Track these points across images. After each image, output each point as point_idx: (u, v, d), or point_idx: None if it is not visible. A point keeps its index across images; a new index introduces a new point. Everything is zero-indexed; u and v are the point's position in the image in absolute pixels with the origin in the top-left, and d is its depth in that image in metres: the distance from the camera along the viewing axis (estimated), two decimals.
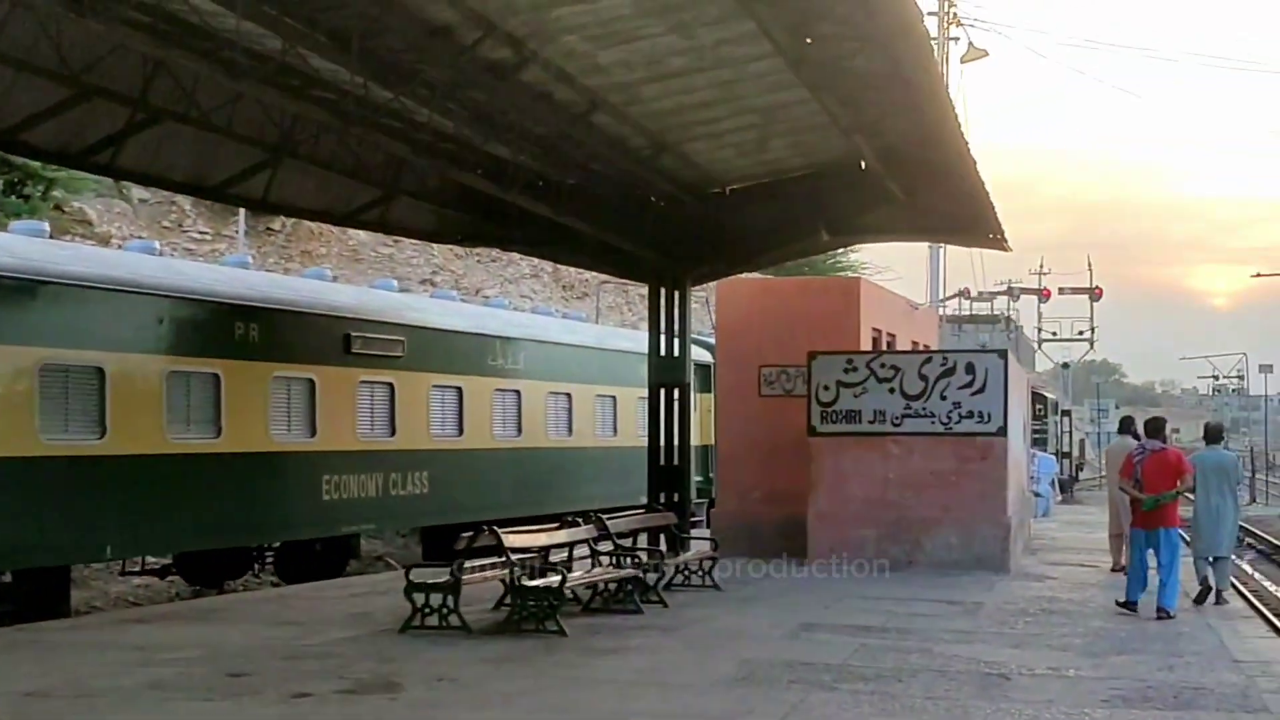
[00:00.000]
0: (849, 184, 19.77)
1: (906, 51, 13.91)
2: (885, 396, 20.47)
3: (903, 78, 14.86)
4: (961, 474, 20.20)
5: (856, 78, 15.32)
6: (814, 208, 20.27)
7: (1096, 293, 60.48)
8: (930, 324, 28.62)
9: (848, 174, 19.51)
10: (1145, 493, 16.70)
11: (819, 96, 15.86)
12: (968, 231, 21.34)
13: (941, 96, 15.43)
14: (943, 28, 34.87)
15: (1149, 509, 16.67)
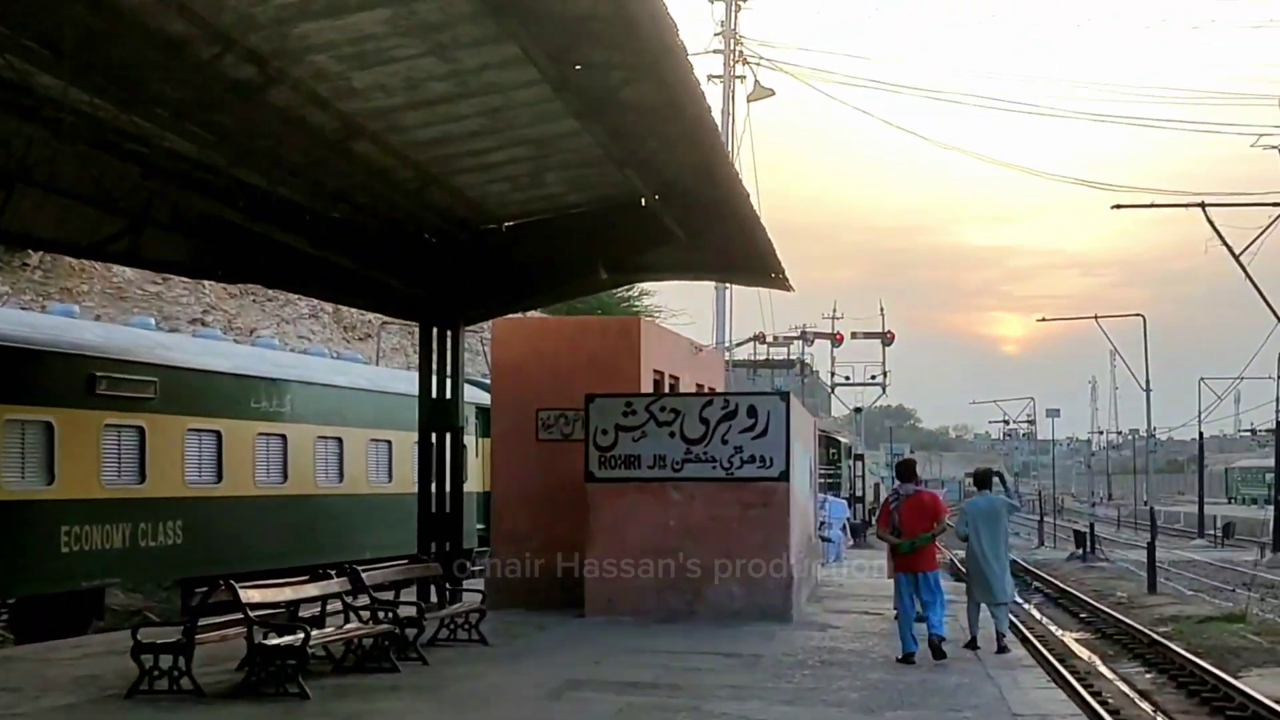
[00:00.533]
0: (629, 221, 19.13)
1: (674, 81, 13.32)
2: (665, 441, 19.84)
3: (673, 110, 14.27)
4: (743, 521, 19.65)
5: (627, 109, 14.68)
6: (593, 245, 19.61)
7: (888, 337, 61.13)
8: (716, 366, 28.17)
9: (628, 211, 18.87)
10: (904, 537, 16.65)
11: (589, 128, 15.22)
12: (750, 271, 20.89)
13: (710, 130, 14.85)
14: (728, 66, 34.65)
15: (906, 553, 16.69)
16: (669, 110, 14.37)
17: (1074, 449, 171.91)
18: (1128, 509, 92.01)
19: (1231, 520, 65.55)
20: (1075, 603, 34.41)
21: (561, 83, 13.68)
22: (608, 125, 15.36)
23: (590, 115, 14.83)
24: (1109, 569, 45.65)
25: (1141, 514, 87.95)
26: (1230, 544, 59.36)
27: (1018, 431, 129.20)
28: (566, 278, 20.61)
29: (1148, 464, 46.89)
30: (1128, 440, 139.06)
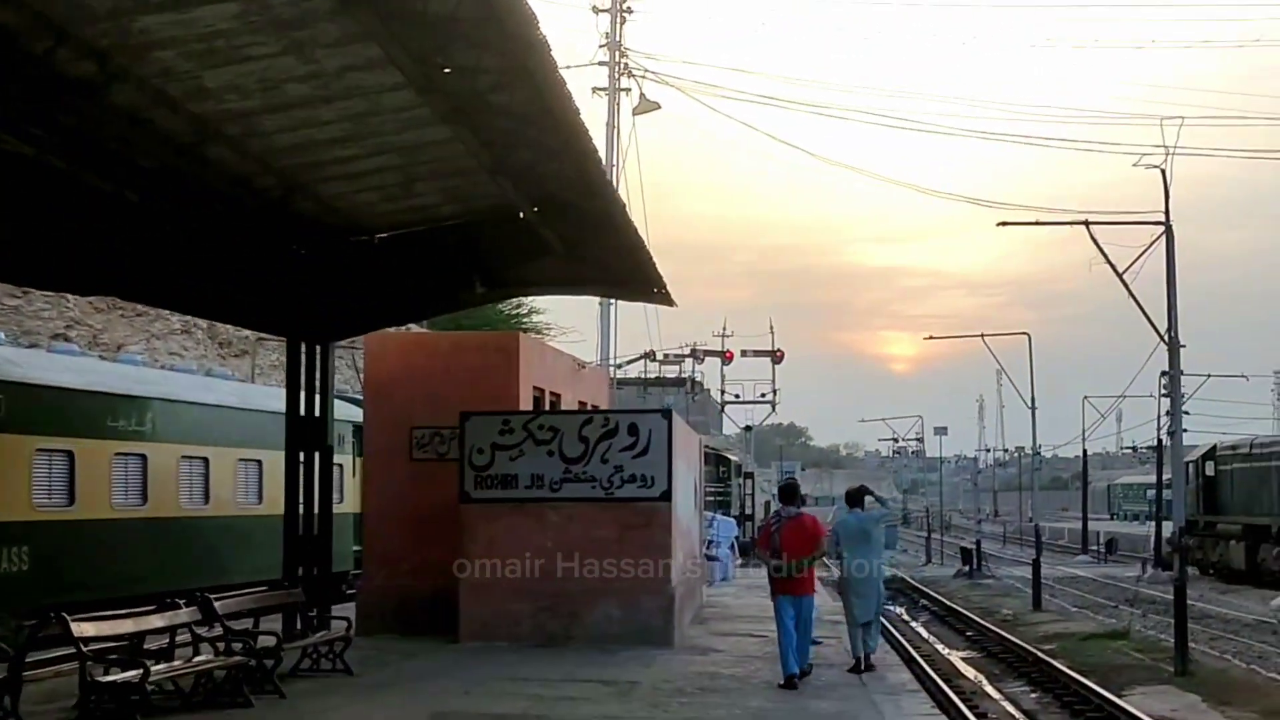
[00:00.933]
0: (506, 233, 18.47)
1: (545, 86, 12.71)
2: (543, 460, 19.22)
3: (546, 116, 13.67)
4: (624, 542, 19.07)
5: (498, 115, 14.06)
6: (468, 258, 18.93)
7: (778, 355, 60.85)
8: (599, 384, 27.59)
9: (504, 222, 18.21)
10: (786, 559, 16.38)
11: (460, 135, 14.59)
12: (632, 285, 20.33)
13: (583, 137, 14.26)
14: (613, 78, 34.14)
15: (788, 576, 16.43)
16: (542, 117, 13.77)
17: (962, 466, 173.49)
18: (1013, 525, 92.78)
19: (1114, 536, 66.19)
20: (962, 620, 34.25)
21: (428, 87, 13.05)
22: (479, 132, 14.75)
23: (460, 122, 14.21)
24: (995, 586, 45.70)
25: (1027, 530, 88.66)
26: (1113, 559, 59.86)
27: (907, 449, 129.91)
28: (441, 292, 19.91)
29: (1033, 481, 47.01)
30: (1014, 458, 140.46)
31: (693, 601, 23.41)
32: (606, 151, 34.19)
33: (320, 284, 18.63)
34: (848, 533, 17.90)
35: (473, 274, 19.39)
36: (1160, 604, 34.72)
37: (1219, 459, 47.26)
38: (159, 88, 12.59)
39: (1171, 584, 34.84)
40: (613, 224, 17.04)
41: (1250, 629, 29.77)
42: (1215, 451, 47.66)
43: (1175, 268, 23.87)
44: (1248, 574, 42.81)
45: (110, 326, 31.31)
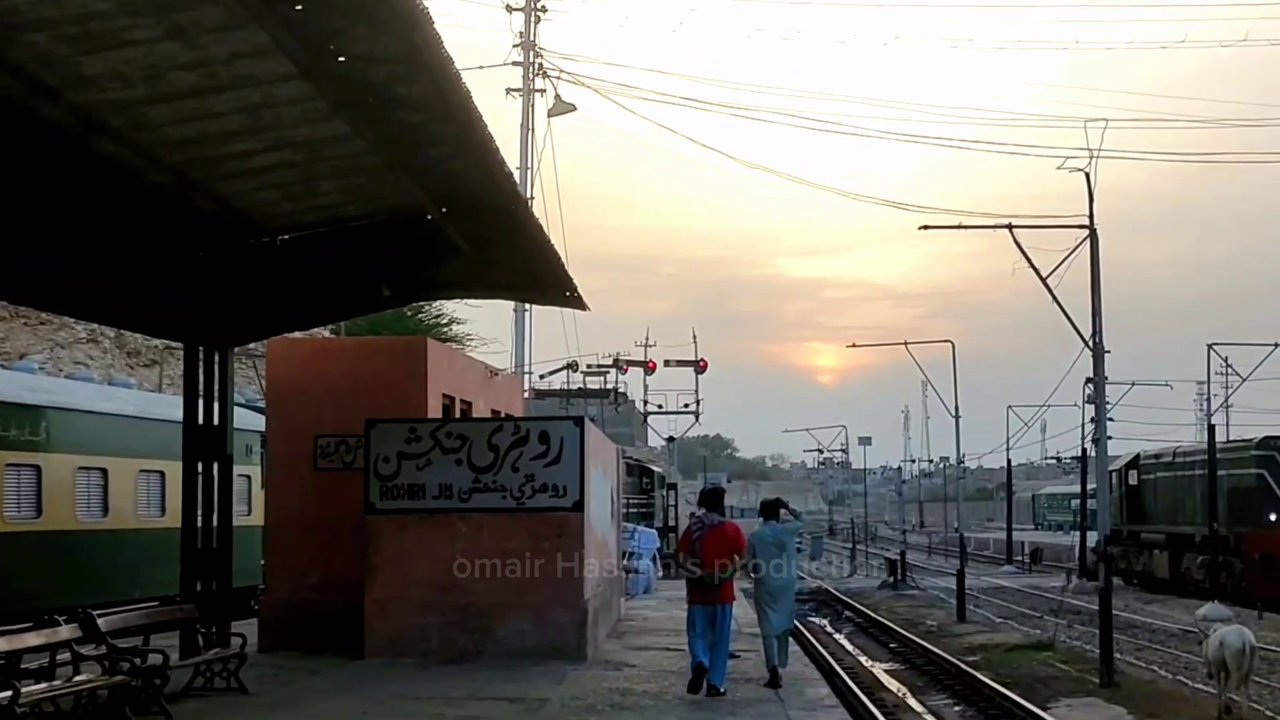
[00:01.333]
0: (413, 235, 17.81)
1: (443, 78, 12.11)
2: (452, 469, 18.60)
3: (447, 110, 13.07)
4: (535, 554, 18.49)
5: (397, 108, 13.43)
6: (374, 261, 18.26)
7: (701, 365, 60.51)
8: (513, 392, 26.94)
9: (411, 224, 17.56)
10: (705, 568, 16.06)
11: (360, 131, 13.95)
12: (543, 289, 19.78)
13: (482, 132, 13.66)
14: (528, 79, 33.50)
15: (707, 585, 16.11)
16: (443, 110, 13.18)
17: (888, 478, 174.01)
18: (939, 536, 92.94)
19: (1039, 546, 66.28)
20: (886, 632, 33.93)
21: (322, 78, 12.40)
22: (379, 128, 14.11)
23: (358, 115, 13.56)
24: (920, 597, 45.46)
25: (952, 540, 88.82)
26: (1038, 570, 59.88)
27: (832, 460, 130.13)
28: (346, 296, 19.23)
29: (957, 491, 46.92)
30: (939, 469, 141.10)
31: (609, 615, 22.85)
32: (521, 154, 33.68)
33: (219, 287, 17.91)
34: (762, 544, 17.52)
35: (379, 277, 18.76)
36: (1085, 614, 34.55)
37: (1142, 468, 47.33)
38: (35, 75, 11.88)
39: (1097, 594, 34.72)
40: (520, 224, 16.47)
41: (1176, 639, 29.58)
42: (1139, 460, 47.67)
43: (1100, 272, 23.65)
44: (1171, 583, 42.80)
45: (13, 335, 30.34)
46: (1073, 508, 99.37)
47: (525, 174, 33.58)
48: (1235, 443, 43.50)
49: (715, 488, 18.46)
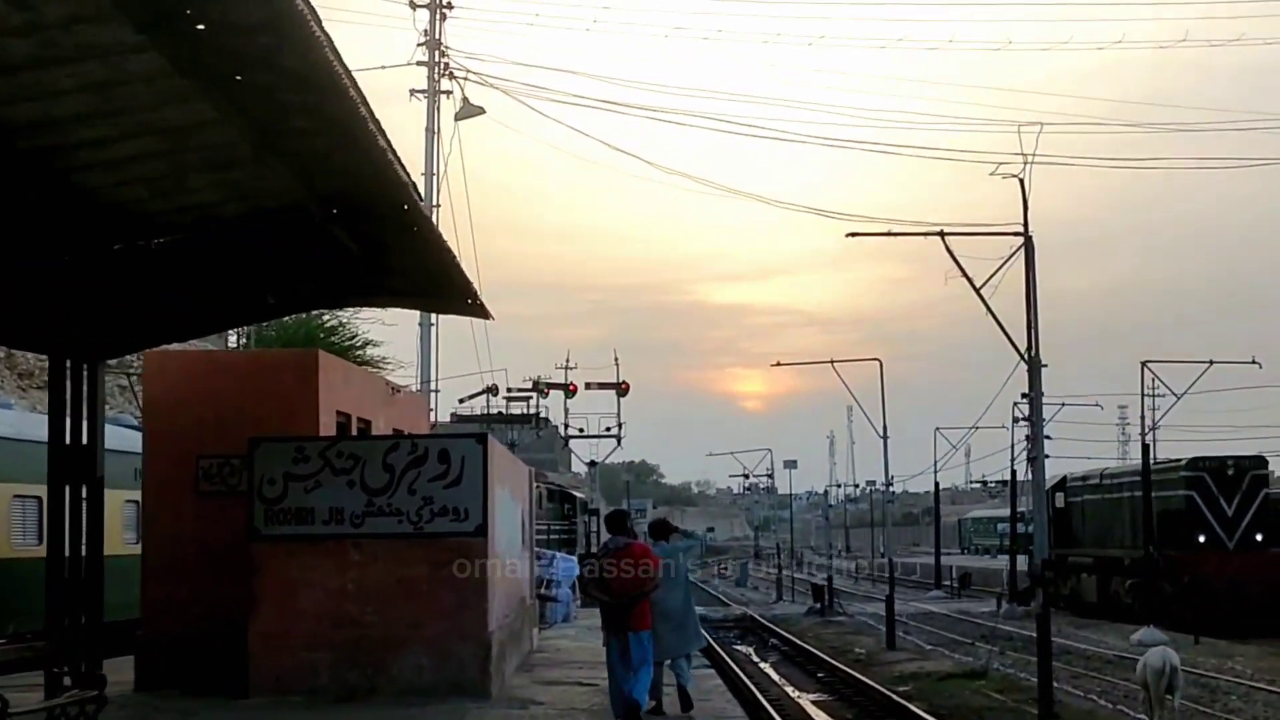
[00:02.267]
0: (298, 238, 16.37)
1: (317, 54, 10.69)
2: (344, 491, 17.14)
3: (328, 95, 11.64)
4: (434, 583, 17.07)
5: (271, 93, 12.00)
6: (257, 267, 16.79)
7: (623, 388, 59.11)
8: (417, 411, 25.40)
9: (296, 226, 16.08)
10: (614, 592, 15.44)
11: (230, 117, 12.48)
12: (442, 296, 18.36)
13: (364, 120, 12.25)
14: (433, 79, 31.94)
15: (619, 612, 15.53)
16: (319, 93, 11.74)
17: (814, 503, 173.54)
18: (865, 561, 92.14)
19: (967, 571, 65.43)
20: (813, 661, 32.73)
21: (176, 49, 10.94)
22: (252, 114, 12.65)
23: (228, 99, 12.11)
24: (848, 623, 44.33)
25: (879, 565, 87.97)
26: (967, 595, 58.98)
27: (758, 485, 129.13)
28: (227, 304, 17.76)
29: (885, 514, 45.86)
30: (865, 494, 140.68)
31: (519, 647, 21.42)
32: (426, 159, 32.16)
33: (87, 295, 16.37)
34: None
35: (263, 284, 17.29)
36: (1017, 640, 33.54)
37: (1069, 490, 46.73)
38: None
39: (1029, 620, 33.65)
40: (413, 224, 15.05)
41: (1112, 665, 28.58)
42: (1066, 483, 47.09)
43: (1035, 282, 22.63)
44: (1100, 607, 42.03)
45: None
46: (1000, 531, 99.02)
47: (430, 180, 32.07)
48: (1164, 464, 43.03)
49: (618, 510, 17.81)
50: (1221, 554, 37.71)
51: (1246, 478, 39.02)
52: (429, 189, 31.82)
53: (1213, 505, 38.65)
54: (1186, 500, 38.79)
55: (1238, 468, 39.38)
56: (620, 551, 15.81)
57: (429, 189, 31.82)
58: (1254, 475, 39.16)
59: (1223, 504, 38.56)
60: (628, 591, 15.52)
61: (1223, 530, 38.57)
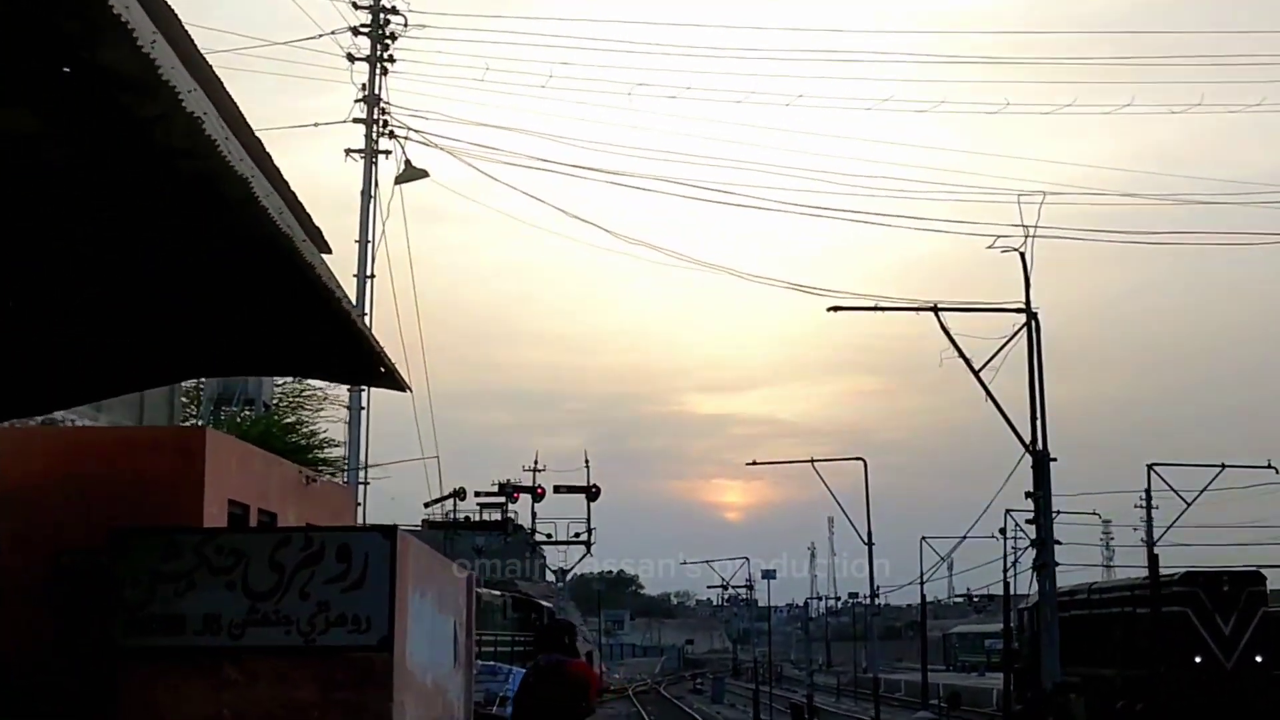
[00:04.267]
0: (171, 292, 13.61)
1: (152, 41, 7.97)
2: (222, 594, 14.25)
3: (167, 95, 8.90)
4: (328, 708, 14.13)
5: (103, 89, 9.30)
6: (124, 327, 14.00)
7: (593, 490, 56.23)
8: (340, 504, 22.34)
9: (164, 277, 13.34)
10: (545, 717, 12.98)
11: (50, 125, 9.79)
12: (347, 366, 15.53)
13: (261, 159, 9.56)
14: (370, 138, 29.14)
15: None
16: (163, 97, 9.00)
17: (794, 615, 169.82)
18: (847, 676, 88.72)
19: (956, 690, 62.12)
20: None
21: None
22: (80, 125, 9.95)
23: (42, 103, 9.41)
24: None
25: (862, 681, 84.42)
26: (956, 715, 55.72)
27: (737, 597, 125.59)
28: (99, 373, 14.93)
29: (870, 626, 42.89)
30: (846, 606, 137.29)
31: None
32: (361, 225, 29.33)
33: None
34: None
35: (132, 348, 14.49)
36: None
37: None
38: None
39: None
40: (306, 277, 12.28)
41: None
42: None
43: (1041, 363, 19.97)
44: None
45: None
46: (989, 647, 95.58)
47: (365, 248, 29.28)
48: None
49: (555, 622, 14.85)
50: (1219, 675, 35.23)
51: (1244, 594, 36.52)
52: (363, 257, 29.16)
53: (1208, 623, 36.07)
54: (1180, 617, 36.10)
55: (1234, 582, 36.95)
56: (550, 671, 13.19)
57: (363, 257, 29.16)
58: (1251, 591, 36.69)
59: (1219, 622, 36.03)
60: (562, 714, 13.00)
61: (1219, 649, 35.83)
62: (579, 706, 13.03)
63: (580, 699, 13.02)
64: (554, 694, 12.84)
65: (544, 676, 13.19)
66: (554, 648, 13.59)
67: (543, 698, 12.90)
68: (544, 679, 13.13)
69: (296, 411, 54.07)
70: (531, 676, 13.51)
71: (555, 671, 12.99)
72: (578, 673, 13.32)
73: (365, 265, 29.05)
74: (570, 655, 13.76)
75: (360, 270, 29.13)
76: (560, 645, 13.71)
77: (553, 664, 13.17)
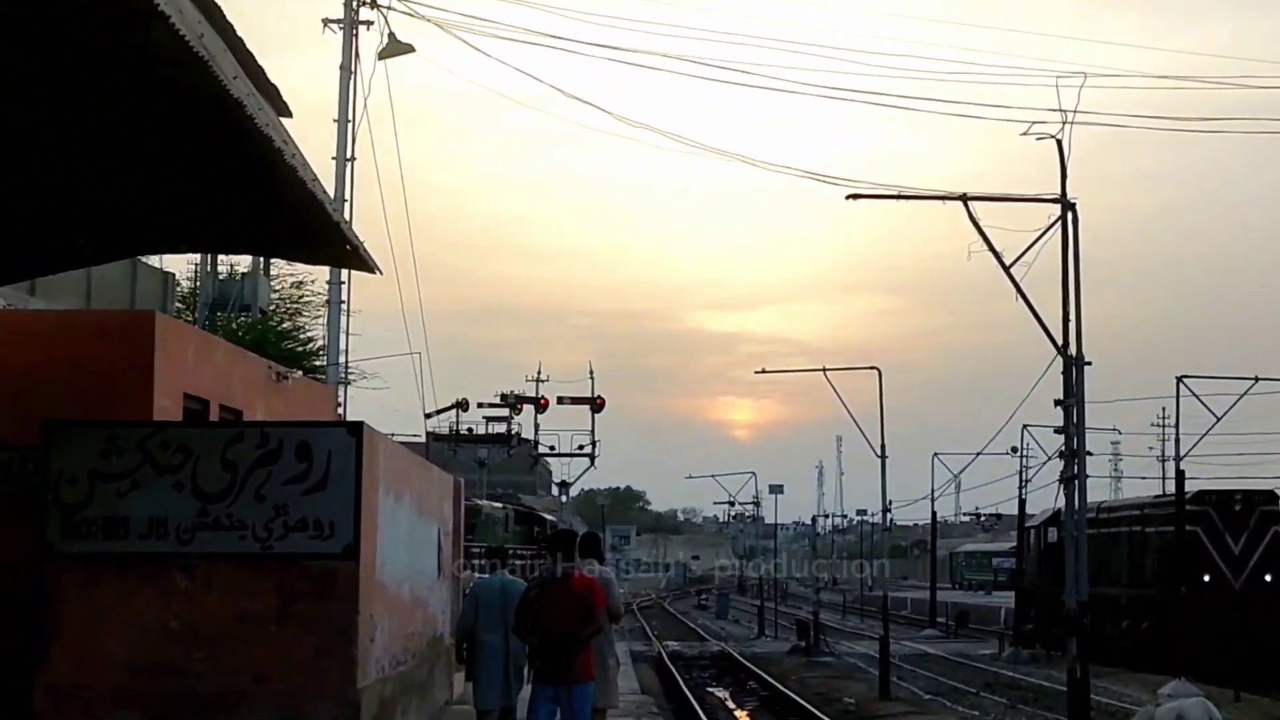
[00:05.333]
0: (112, 159, 12.06)
1: None
2: (169, 496, 12.79)
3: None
4: (287, 622, 12.73)
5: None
6: (73, 205, 12.48)
7: (598, 402, 54.70)
8: (319, 404, 20.77)
9: (105, 143, 11.77)
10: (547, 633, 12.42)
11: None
12: (307, 241, 13.95)
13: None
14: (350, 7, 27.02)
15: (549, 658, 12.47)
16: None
17: (800, 533, 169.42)
18: (853, 594, 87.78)
19: (964, 609, 61.01)
20: (795, 711, 28.33)
21: None
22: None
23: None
24: (835, 665, 39.92)
25: (869, 600, 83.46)
26: (964, 635, 54.61)
27: (744, 514, 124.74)
28: (26, 248, 13.41)
29: (883, 541, 41.69)
30: (853, 525, 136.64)
31: (425, 699, 17.07)
32: (340, 103, 27.32)
33: None
34: (486, 595, 14.25)
35: (74, 223, 12.98)
36: (1028, 690, 29.34)
37: (1063, 524, 42.93)
38: None
39: (1035, 666, 29.40)
40: (255, 138, 10.69)
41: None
42: (1059, 517, 43.76)
43: (1078, 256, 18.45)
44: (1095, 650, 38.31)
45: None
46: (995, 566, 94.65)
47: (344, 127, 27.21)
48: (1166, 498, 39.48)
49: (567, 530, 13.92)
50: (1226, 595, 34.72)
51: (1255, 513, 35.74)
52: (342, 137, 27.09)
53: (1218, 542, 35.54)
54: (1190, 536, 35.47)
55: (1246, 502, 36.23)
56: (555, 583, 12.57)
57: (342, 137, 27.09)
58: (1263, 511, 35.91)
59: (1229, 541, 35.47)
60: (565, 631, 12.32)
61: (1228, 569, 35.34)
62: (582, 619, 12.37)
63: (584, 612, 12.37)
64: (560, 604, 12.30)
65: (552, 587, 12.46)
66: (568, 557, 12.75)
67: (548, 607, 12.32)
68: (551, 589, 12.44)
69: (294, 318, 52.65)
70: (536, 587, 12.70)
71: (560, 581, 12.46)
72: (583, 585, 12.61)
73: (345, 147, 26.90)
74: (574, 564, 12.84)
75: (340, 152, 26.91)
76: (571, 554, 12.78)
77: (556, 574, 12.53)
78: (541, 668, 12.59)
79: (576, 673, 12.42)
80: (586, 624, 12.50)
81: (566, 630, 12.36)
